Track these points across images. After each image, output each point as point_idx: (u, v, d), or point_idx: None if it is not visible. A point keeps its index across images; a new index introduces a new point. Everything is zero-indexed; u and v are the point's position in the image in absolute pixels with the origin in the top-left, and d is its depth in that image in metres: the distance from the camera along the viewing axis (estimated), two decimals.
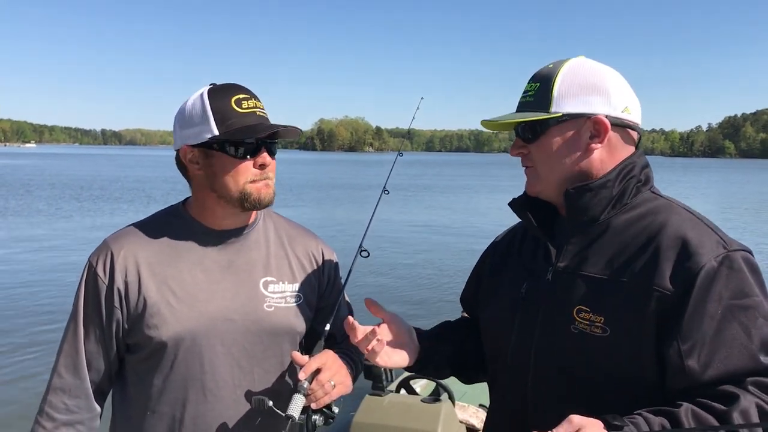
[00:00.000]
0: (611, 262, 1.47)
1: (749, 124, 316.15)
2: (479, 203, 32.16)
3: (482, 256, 1.90)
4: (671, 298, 1.37)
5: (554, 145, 1.54)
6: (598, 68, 1.56)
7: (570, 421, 1.21)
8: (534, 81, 1.57)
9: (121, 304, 1.72)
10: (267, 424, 1.72)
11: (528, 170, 1.61)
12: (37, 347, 8.37)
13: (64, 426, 1.73)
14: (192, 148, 1.74)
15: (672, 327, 1.36)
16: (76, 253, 14.88)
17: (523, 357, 1.56)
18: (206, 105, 1.71)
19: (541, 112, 1.52)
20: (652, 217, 1.50)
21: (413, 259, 15.46)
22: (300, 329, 1.84)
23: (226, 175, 1.71)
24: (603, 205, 1.52)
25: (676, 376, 1.35)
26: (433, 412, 3.84)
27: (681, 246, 1.40)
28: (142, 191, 35.46)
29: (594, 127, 1.52)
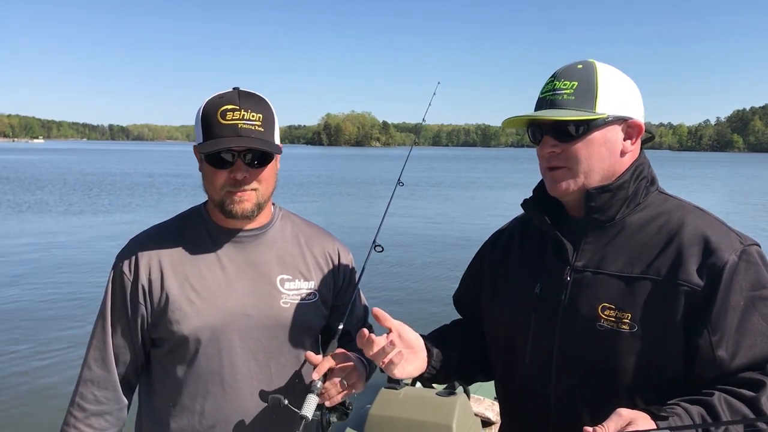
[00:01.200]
0: (632, 260, 1.52)
1: (758, 118, 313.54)
2: (490, 197, 32.13)
3: (479, 252, 1.92)
4: (700, 292, 1.43)
5: (597, 145, 1.55)
6: (622, 73, 1.60)
7: (619, 414, 1.26)
8: (568, 79, 1.56)
9: (145, 300, 1.80)
10: (283, 419, 1.79)
11: (558, 171, 1.58)
12: (66, 342, 8.49)
13: (94, 416, 1.82)
14: (196, 148, 1.82)
15: (701, 320, 1.43)
16: (92, 249, 15.00)
17: (543, 356, 1.58)
18: (200, 112, 1.79)
19: (587, 112, 1.53)
20: (667, 216, 1.56)
21: (426, 254, 15.50)
22: (315, 326, 1.91)
23: (208, 183, 1.81)
24: (619, 205, 1.57)
25: (707, 367, 1.42)
26: (448, 405, 3.86)
27: (703, 243, 1.47)
28: (153, 186, 35.61)
29: (629, 130, 1.57)
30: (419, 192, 33.90)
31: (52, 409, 6.25)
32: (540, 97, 1.61)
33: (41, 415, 6.38)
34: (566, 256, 1.60)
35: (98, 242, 16.44)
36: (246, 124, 1.75)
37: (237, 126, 1.74)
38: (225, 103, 1.76)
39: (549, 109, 1.56)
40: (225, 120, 1.74)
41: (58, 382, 7.16)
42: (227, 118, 1.74)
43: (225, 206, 1.79)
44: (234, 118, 1.74)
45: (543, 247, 1.68)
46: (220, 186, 1.77)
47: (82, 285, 11.75)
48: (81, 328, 8.91)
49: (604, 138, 1.54)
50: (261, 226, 1.90)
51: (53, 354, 8.10)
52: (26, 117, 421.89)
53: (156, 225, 1.95)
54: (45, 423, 6.07)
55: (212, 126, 1.75)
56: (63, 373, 7.40)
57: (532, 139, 1.65)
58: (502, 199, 30.71)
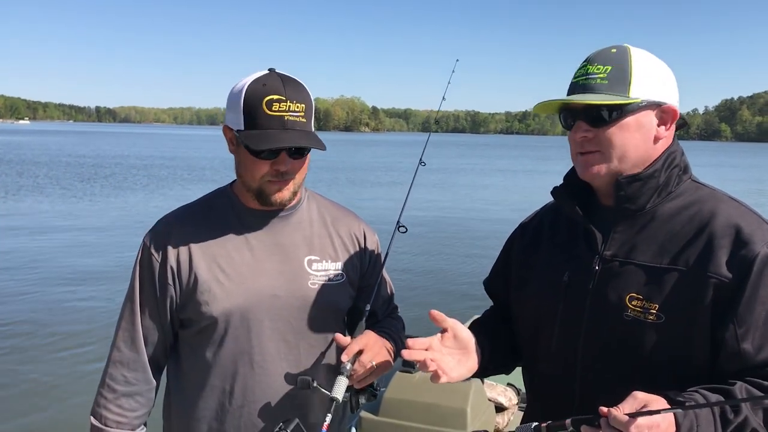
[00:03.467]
0: (662, 250, 1.51)
1: (746, 107, 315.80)
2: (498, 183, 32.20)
3: (509, 241, 1.91)
4: (729, 284, 1.41)
5: (630, 130, 1.52)
6: (657, 59, 1.58)
7: (635, 397, 1.27)
8: (602, 63, 1.54)
9: (174, 281, 1.80)
10: (311, 400, 1.80)
11: (590, 155, 1.56)
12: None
13: (124, 397, 1.82)
14: (229, 129, 1.80)
15: (728, 312, 1.41)
16: (109, 234, 15.05)
17: (569, 344, 1.58)
18: (242, 97, 1.74)
19: (621, 96, 1.51)
20: (699, 206, 1.54)
21: (445, 235, 15.70)
22: (342, 306, 1.91)
23: (246, 169, 1.79)
24: (650, 194, 1.55)
25: (731, 359, 1.41)
26: (462, 389, 3.87)
27: (735, 234, 1.45)
28: (145, 169, 35.39)
29: (662, 115, 1.55)
30: (436, 177, 33.94)
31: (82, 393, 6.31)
32: (573, 82, 1.59)
33: (69, 399, 6.45)
34: (595, 245, 1.59)
35: (115, 227, 16.43)
36: (292, 116, 1.73)
37: (283, 118, 1.72)
38: (270, 92, 1.72)
39: (582, 94, 1.54)
40: (271, 111, 1.71)
41: (81, 365, 7.24)
42: (273, 109, 1.72)
43: (264, 195, 1.79)
44: (280, 110, 1.72)
45: (573, 235, 1.67)
46: (261, 175, 1.77)
47: (99, 270, 11.76)
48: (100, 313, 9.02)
49: (637, 123, 1.52)
50: (289, 207, 1.90)
51: (77, 340, 8.16)
52: (11, 98, 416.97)
53: (183, 206, 1.94)
54: (75, 405, 6.13)
55: (258, 116, 1.72)
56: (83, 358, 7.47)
57: (564, 124, 1.62)
58: (504, 184, 30.68)
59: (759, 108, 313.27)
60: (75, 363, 7.36)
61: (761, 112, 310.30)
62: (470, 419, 3.78)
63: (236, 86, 1.79)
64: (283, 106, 1.72)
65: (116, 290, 10.08)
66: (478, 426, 3.81)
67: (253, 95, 1.72)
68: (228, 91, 1.80)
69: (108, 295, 9.82)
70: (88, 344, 7.89)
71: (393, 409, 3.87)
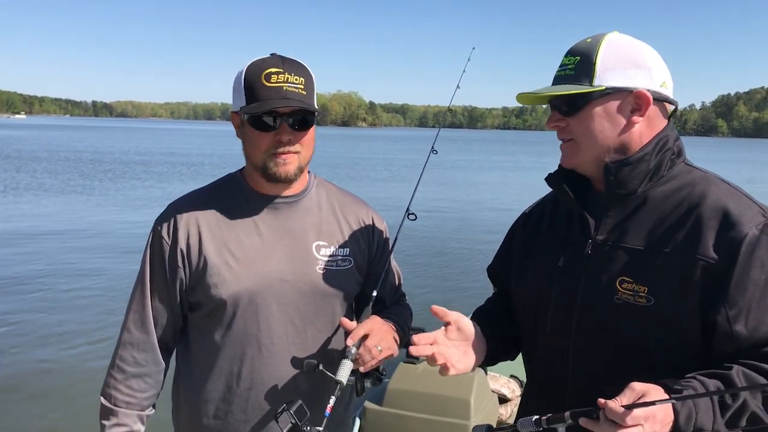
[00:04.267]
0: (652, 233, 1.52)
1: (742, 103, 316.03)
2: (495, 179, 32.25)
3: (512, 229, 1.93)
4: (716, 266, 1.42)
5: (596, 119, 1.55)
6: (637, 43, 1.58)
7: (632, 388, 1.27)
8: (573, 55, 1.58)
9: (183, 264, 1.83)
10: (318, 383, 1.82)
11: (565, 144, 1.62)
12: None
13: (134, 378, 1.84)
14: (235, 114, 1.84)
15: (718, 294, 1.41)
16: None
17: (563, 329, 1.60)
18: (242, 76, 1.79)
19: (583, 86, 1.54)
20: (690, 188, 1.54)
21: (455, 224, 15.82)
22: (350, 291, 1.93)
23: (250, 146, 1.82)
24: (641, 178, 1.56)
25: (725, 342, 1.41)
26: (465, 381, 3.89)
27: (723, 216, 1.45)
28: (144, 165, 35.33)
29: (636, 101, 1.54)
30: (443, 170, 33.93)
31: (86, 381, 6.38)
32: (555, 75, 1.64)
33: (78, 385, 6.49)
34: (588, 230, 1.61)
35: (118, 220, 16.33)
36: (290, 87, 1.77)
37: (282, 88, 1.76)
38: (269, 66, 1.77)
39: (553, 86, 1.59)
40: (270, 82, 1.76)
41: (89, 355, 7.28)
42: (272, 80, 1.76)
43: (268, 169, 1.81)
44: (278, 81, 1.76)
45: (570, 222, 1.69)
46: (265, 149, 1.79)
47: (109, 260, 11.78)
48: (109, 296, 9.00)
49: (605, 110, 1.54)
50: (297, 193, 1.92)
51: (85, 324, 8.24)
52: (7, 92, 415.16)
53: (193, 191, 1.96)
54: (86, 388, 6.18)
55: (257, 88, 1.76)
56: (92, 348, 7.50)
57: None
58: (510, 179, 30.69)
59: (755, 104, 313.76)
60: (82, 354, 7.40)
61: (758, 108, 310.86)
62: (473, 410, 3.80)
63: (238, 72, 1.84)
64: (281, 77, 1.77)
65: (118, 282, 10.12)
66: (482, 417, 3.83)
67: (253, 71, 1.78)
68: (224, 85, 1.84)
69: (110, 290, 9.88)
70: (93, 334, 7.95)
71: (397, 400, 3.89)
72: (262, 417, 1.84)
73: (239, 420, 1.85)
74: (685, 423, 1.29)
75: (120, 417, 1.83)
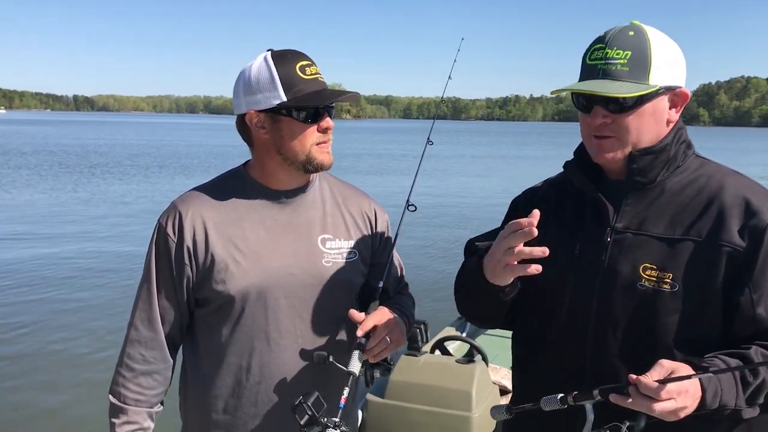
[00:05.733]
0: (673, 221, 1.56)
1: (723, 92, 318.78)
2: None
3: (515, 203, 1.92)
4: (742, 252, 1.49)
5: (645, 117, 1.56)
6: (669, 38, 1.60)
7: (661, 365, 1.33)
8: (621, 48, 1.54)
9: (190, 261, 1.82)
10: (328, 375, 1.82)
11: (605, 140, 1.59)
12: None
13: (142, 375, 1.84)
14: (258, 113, 1.82)
15: (743, 278, 1.48)
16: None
17: (581, 315, 1.61)
18: (273, 72, 1.79)
19: (642, 84, 1.53)
20: (706, 179, 1.60)
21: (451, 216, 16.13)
22: (356, 283, 1.95)
23: (293, 139, 1.81)
24: (660, 167, 1.60)
25: (747, 323, 1.48)
26: (467, 372, 3.92)
27: (744, 205, 1.53)
28: (131, 159, 35.06)
29: (674, 98, 1.59)
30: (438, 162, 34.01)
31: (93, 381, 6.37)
32: (589, 64, 1.58)
33: (86, 383, 6.50)
34: (606, 218, 1.62)
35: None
36: (321, 78, 1.85)
37: (317, 80, 1.83)
38: (298, 59, 1.82)
39: (602, 80, 1.54)
40: (307, 75, 1.80)
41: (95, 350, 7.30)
42: (307, 73, 1.81)
43: (314, 160, 1.83)
44: (313, 73, 1.82)
45: (580, 209, 1.70)
46: (312, 140, 1.82)
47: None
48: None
49: (654, 108, 1.56)
50: (301, 186, 1.93)
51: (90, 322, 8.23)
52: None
53: (197, 187, 1.95)
54: (93, 387, 6.18)
55: (298, 83, 1.78)
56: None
57: (578, 106, 1.63)
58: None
59: (736, 93, 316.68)
60: (87, 353, 7.38)
61: (738, 97, 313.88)
62: (475, 401, 3.82)
63: (251, 70, 1.82)
64: (313, 69, 1.83)
65: (117, 280, 10.11)
66: (483, 409, 3.85)
67: (286, 67, 1.80)
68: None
69: (111, 287, 9.89)
70: (97, 332, 7.94)
71: (399, 392, 3.91)
72: (272, 410, 1.85)
73: (249, 414, 1.86)
74: (711, 399, 1.35)
75: (130, 415, 1.83)
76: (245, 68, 1.86)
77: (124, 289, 9.07)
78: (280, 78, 1.78)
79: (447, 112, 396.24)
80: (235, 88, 1.88)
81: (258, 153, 1.91)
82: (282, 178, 1.89)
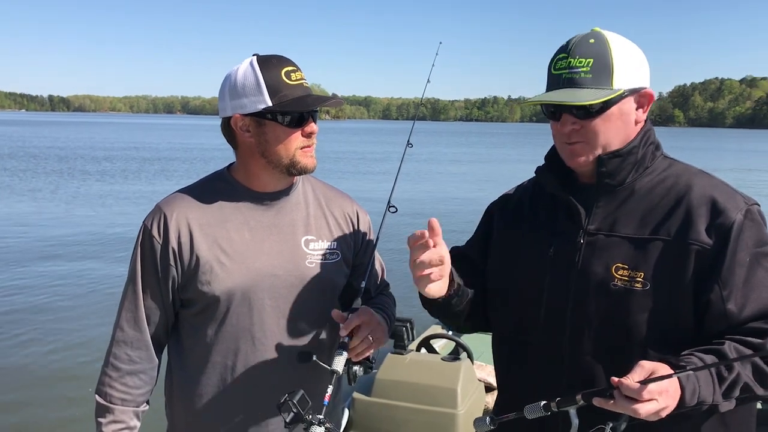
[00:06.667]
0: (643, 222, 1.60)
1: (698, 93, 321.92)
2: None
3: (489, 210, 1.96)
4: (710, 250, 1.53)
5: (613, 120, 1.60)
6: (630, 42, 1.65)
7: (642, 366, 1.35)
8: (583, 56, 1.59)
9: (175, 262, 1.85)
10: (312, 374, 1.86)
11: (576, 145, 1.63)
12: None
13: (128, 375, 1.87)
14: (244, 116, 1.85)
15: (712, 276, 1.52)
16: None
17: (557, 317, 1.65)
18: (259, 77, 1.82)
19: (606, 89, 1.58)
20: (674, 179, 1.65)
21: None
22: (339, 284, 1.98)
23: (278, 144, 1.85)
24: (629, 169, 1.64)
25: (718, 320, 1.52)
26: (452, 370, 3.98)
27: (711, 204, 1.57)
28: (110, 161, 34.66)
29: (640, 99, 1.64)
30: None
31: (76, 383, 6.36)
32: (554, 74, 1.63)
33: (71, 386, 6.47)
34: (579, 220, 1.67)
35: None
36: (306, 83, 1.88)
37: (302, 85, 1.86)
38: (284, 64, 1.85)
39: (567, 89, 1.59)
40: (292, 80, 1.84)
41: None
42: (293, 78, 1.84)
43: (298, 164, 1.87)
44: (298, 78, 1.86)
45: (554, 212, 1.74)
46: (297, 144, 1.85)
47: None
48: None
49: (620, 111, 1.61)
50: (285, 188, 1.96)
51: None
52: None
53: (181, 189, 1.98)
54: (78, 388, 6.17)
55: (283, 88, 1.82)
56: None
57: (547, 114, 1.68)
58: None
59: (710, 94, 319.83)
60: (71, 355, 7.31)
61: (712, 98, 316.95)
62: (460, 399, 3.87)
63: (237, 74, 1.85)
64: (298, 74, 1.87)
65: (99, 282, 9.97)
66: (469, 405, 3.90)
67: (271, 72, 1.83)
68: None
69: (94, 289, 9.84)
70: (77, 334, 7.86)
71: (385, 390, 3.95)
72: (257, 409, 1.88)
73: (235, 412, 1.88)
74: (690, 396, 1.39)
75: (116, 414, 1.85)
76: (231, 72, 1.88)
77: (106, 295, 9.08)
78: (265, 83, 1.81)
79: (426, 114, 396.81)
80: (220, 92, 1.91)
81: (242, 156, 1.93)
82: (266, 181, 1.92)
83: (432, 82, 2.52)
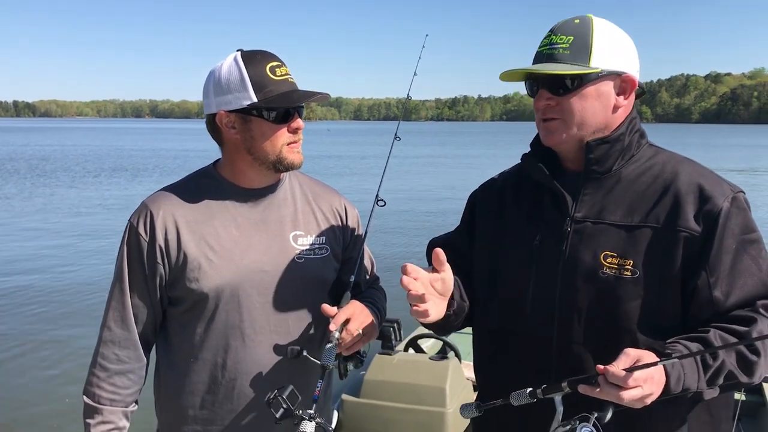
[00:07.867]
0: (631, 209, 1.60)
1: (664, 90, 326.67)
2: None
3: (470, 200, 1.95)
4: (698, 237, 1.53)
5: (588, 99, 1.61)
6: (619, 29, 1.66)
7: (627, 354, 1.36)
8: (564, 34, 1.62)
9: (163, 259, 1.83)
10: (302, 369, 1.86)
11: (551, 122, 1.64)
12: None
13: (117, 375, 1.85)
14: (229, 113, 1.83)
15: (699, 262, 1.53)
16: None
17: (545, 305, 1.64)
18: (243, 72, 1.80)
19: (581, 66, 1.59)
20: (661, 166, 1.65)
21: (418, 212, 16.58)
22: (328, 279, 1.98)
23: (264, 140, 1.83)
24: (615, 157, 1.65)
25: (704, 307, 1.53)
26: (440, 369, 3.99)
27: (698, 191, 1.58)
28: (81, 164, 34.12)
29: (622, 85, 1.65)
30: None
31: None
32: (538, 51, 1.66)
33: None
34: (565, 208, 1.66)
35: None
36: (291, 79, 1.87)
37: (287, 80, 1.84)
38: (268, 59, 1.84)
39: (545, 63, 1.62)
40: (277, 76, 1.82)
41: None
42: (278, 74, 1.83)
43: (284, 160, 1.86)
44: (283, 74, 1.84)
45: (538, 200, 1.74)
46: (283, 140, 1.84)
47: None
48: None
49: (597, 91, 1.61)
50: (272, 184, 1.95)
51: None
52: None
53: (166, 186, 1.96)
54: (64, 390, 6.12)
55: (268, 84, 1.80)
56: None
57: (529, 92, 1.70)
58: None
59: (676, 90, 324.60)
60: (58, 357, 7.23)
61: (678, 94, 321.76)
62: (449, 398, 3.89)
63: (221, 71, 1.84)
64: (283, 69, 1.85)
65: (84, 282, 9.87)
66: (457, 404, 3.91)
67: (256, 68, 1.81)
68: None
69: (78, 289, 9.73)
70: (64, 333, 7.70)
71: (374, 391, 3.96)
72: (248, 405, 1.87)
73: (225, 409, 1.87)
74: (675, 384, 1.40)
75: (105, 414, 1.83)
76: (215, 68, 1.87)
77: (90, 296, 8.97)
78: (250, 78, 1.80)
79: (398, 113, 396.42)
80: (204, 88, 1.89)
81: (228, 152, 1.92)
82: (252, 177, 1.91)
83: (402, 81, 2.52)
